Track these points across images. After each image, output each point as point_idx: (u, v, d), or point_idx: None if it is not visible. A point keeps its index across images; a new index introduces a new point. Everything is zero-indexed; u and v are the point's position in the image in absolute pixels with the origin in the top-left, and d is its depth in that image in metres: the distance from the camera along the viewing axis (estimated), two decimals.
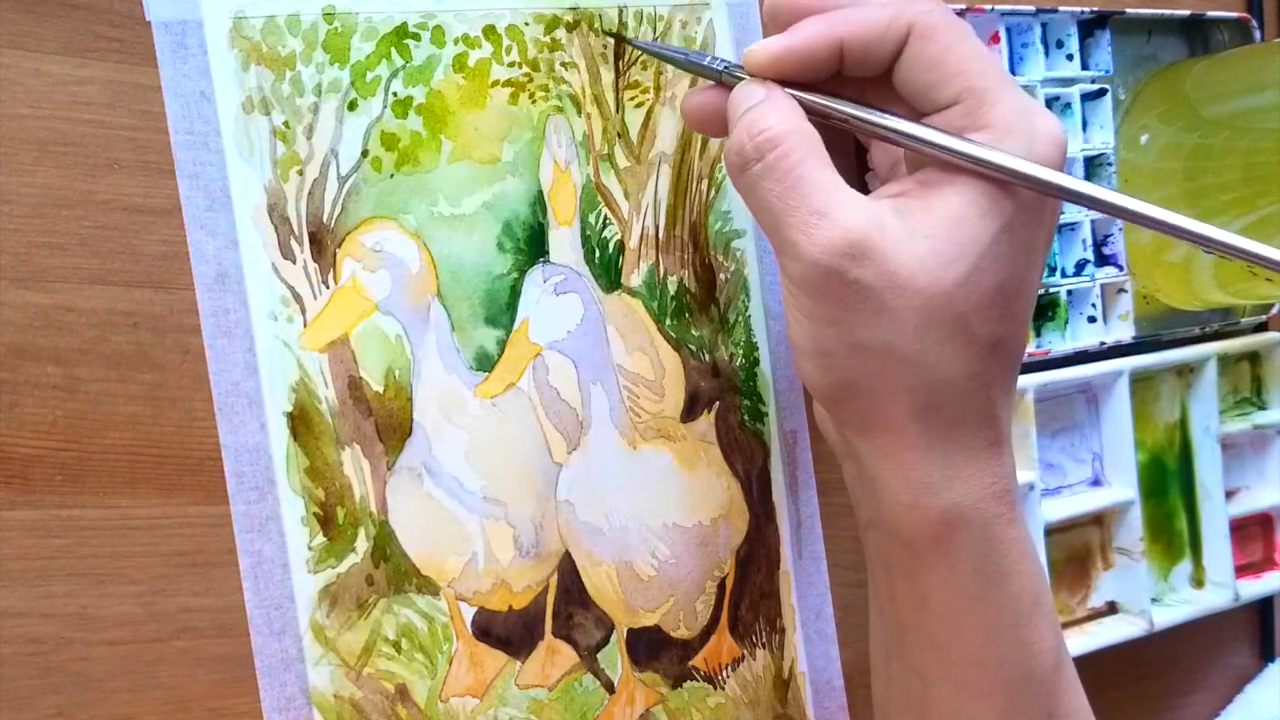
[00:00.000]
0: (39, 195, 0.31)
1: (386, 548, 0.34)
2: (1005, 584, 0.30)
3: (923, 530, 0.30)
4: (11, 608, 0.31)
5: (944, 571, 0.30)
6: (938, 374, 0.28)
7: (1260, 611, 0.52)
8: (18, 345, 0.31)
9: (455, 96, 0.35)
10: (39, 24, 0.31)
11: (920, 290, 0.27)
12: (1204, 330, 0.48)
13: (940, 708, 0.32)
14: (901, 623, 0.32)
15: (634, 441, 0.38)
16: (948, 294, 0.27)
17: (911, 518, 0.30)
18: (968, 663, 0.31)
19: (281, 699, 0.33)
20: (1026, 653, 0.31)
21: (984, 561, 0.30)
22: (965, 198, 0.28)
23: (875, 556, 0.33)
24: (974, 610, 0.30)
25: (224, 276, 0.32)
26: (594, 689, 0.37)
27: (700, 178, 0.39)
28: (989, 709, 0.31)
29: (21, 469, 0.31)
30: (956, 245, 0.27)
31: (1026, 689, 0.31)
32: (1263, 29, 0.49)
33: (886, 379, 0.28)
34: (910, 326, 0.27)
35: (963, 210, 0.27)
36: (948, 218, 0.27)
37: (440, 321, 0.35)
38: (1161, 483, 0.48)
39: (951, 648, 0.31)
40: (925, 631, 0.31)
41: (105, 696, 0.32)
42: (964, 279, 0.27)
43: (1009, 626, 0.30)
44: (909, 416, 0.29)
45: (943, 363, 0.28)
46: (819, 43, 0.29)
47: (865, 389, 0.29)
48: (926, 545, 0.30)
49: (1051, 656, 0.31)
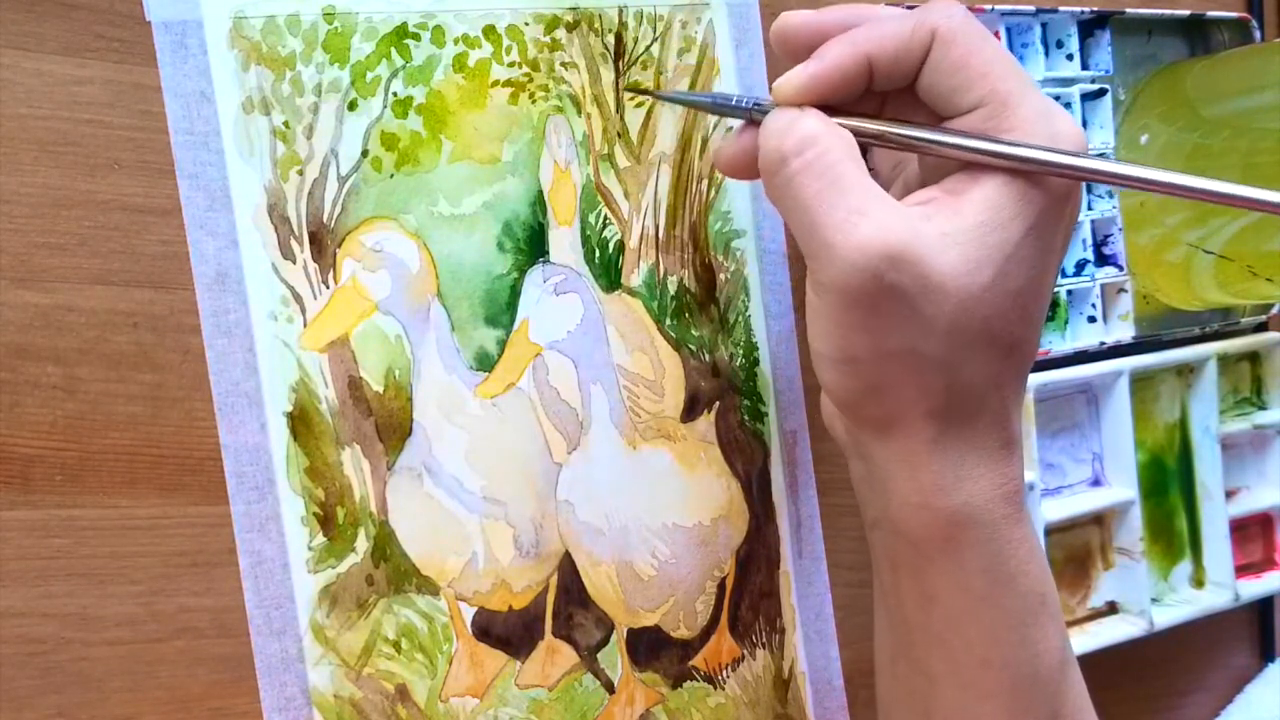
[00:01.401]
0: (39, 195, 0.31)
1: (386, 548, 0.34)
2: (1013, 584, 0.30)
3: (932, 530, 0.30)
4: (11, 608, 0.31)
5: (952, 571, 0.30)
6: (960, 377, 0.28)
7: (1260, 611, 0.52)
8: (18, 345, 0.31)
9: (455, 96, 0.35)
10: (39, 24, 0.31)
11: (951, 295, 0.27)
12: (1204, 330, 0.48)
13: (945, 707, 0.32)
14: (907, 621, 0.32)
15: (634, 441, 0.38)
16: (976, 299, 0.27)
17: (921, 518, 0.30)
18: (974, 662, 0.31)
19: (281, 699, 0.33)
20: (1033, 652, 0.31)
21: (992, 561, 0.30)
22: (993, 203, 0.28)
23: (882, 555, 0.33)
24: (981, 610, 0.30)
25: (224, 276, 0.32)
26: (594, 689, 0.37)
27: (700, 178, 0.39)
28: (995, 708, 0.31)
29: (21, 469, 0.31)
30: (986, 250, 0.27)
31: (1032, 688, 0.31)
32: (1263, 29, 0.49)
33: (911, 383, 0.28)
34: (940, 332, 0.27)
35: (992, 215, 0.28)
36: (978, 223, 0.27)
37: (440, 321, 0.35)
38: (1161, 483, 0.48)
39: (958, 647, 0.31)
40: (931, 630, 0.31)
41: (105, 696, 0.32)
42: (992, 283, 0.27)
43: (1016, 626, 0.30)
44: (927, 419, 0.29)
45: (965, 366, 0.28)
46: (848, 63, 0.29)
47: (888, 393, 0.29)
48: (935, 545, 0.30)
49: (1057, 656, 0.31)
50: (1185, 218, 0.44)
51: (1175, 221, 0.44)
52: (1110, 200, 0.45)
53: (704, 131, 0.39)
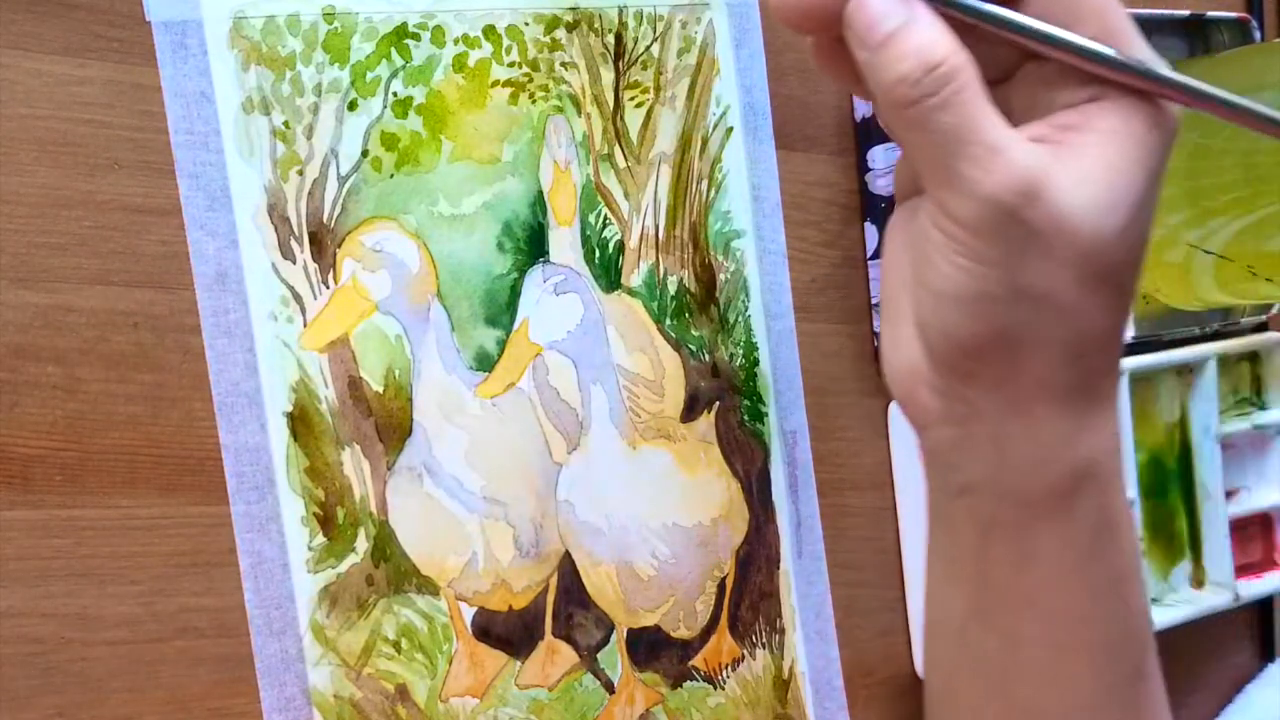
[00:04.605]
0: (39, 195, 0.31)
1: (386, 548, 0.34)
2: (1116, 539, 0.30)
3: (1049, 486, 0.29)
4: (11, 608, 0.31)
5: (1061, 529, 0.30)
6: (1088, 324, 0.28)
7: (1260, 611, 0.52)
8: (18, 345, 0.31)
9: (455, 96, 0.35)
10: (39, 24, 0.31)
11: (1084, 237, 0.27)
12: (1204, 330, 0.48)
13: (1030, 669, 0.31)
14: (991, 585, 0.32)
15: (634, 441, 0.38)
16: (1107, 243, 0.27)
17: (1040, 474, 0.30)
18: (1072, 619, 0.30)
19: (281, 699, 0.33)
20: (1127, 607, 0.31)
21: (1101, 516, 0.30)
22: (1118, 146, 0.27)
23: (967, 521, 0.32)
24: (1088, 566, 0.30)
25: (224, 276, 0.32)
26: (594, 689, 0.37)
27: (700, 178, 0.39)
28: (1085, 666, 0.31)
29: (21, 469, 0.31)
30: (1116, 193, 0.27)
31: (1123, 643, 0.31)
32: (1263, 29, 0.49)
33: (1042, 327, 0.28)
34: (1071, 274, 0.27)
35: (1118, 160, 0.27)
36: (1107, 165, 0.27)
37: (440, 321, 0.35)
38: (1161, 483, 0.48)
39: (1055, 606, 0.31)
40: (1022, 591, 0.31)
41: (105, 696, 0.32)
42: (1122, 229, 0.27)
43: (1115, 581, 0.30)
44: (1054, 368, 0.28)
45: (1094, 312, 0.28)
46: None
47: (1017, 338, 0.28)
48: (1049, 503, 0.30)
49: (1146, 611, 0.32)
50: (1185, 217, 0.44)
51: (1175, 221, 0.44)
52: None
53: (704, 131, 0.39)
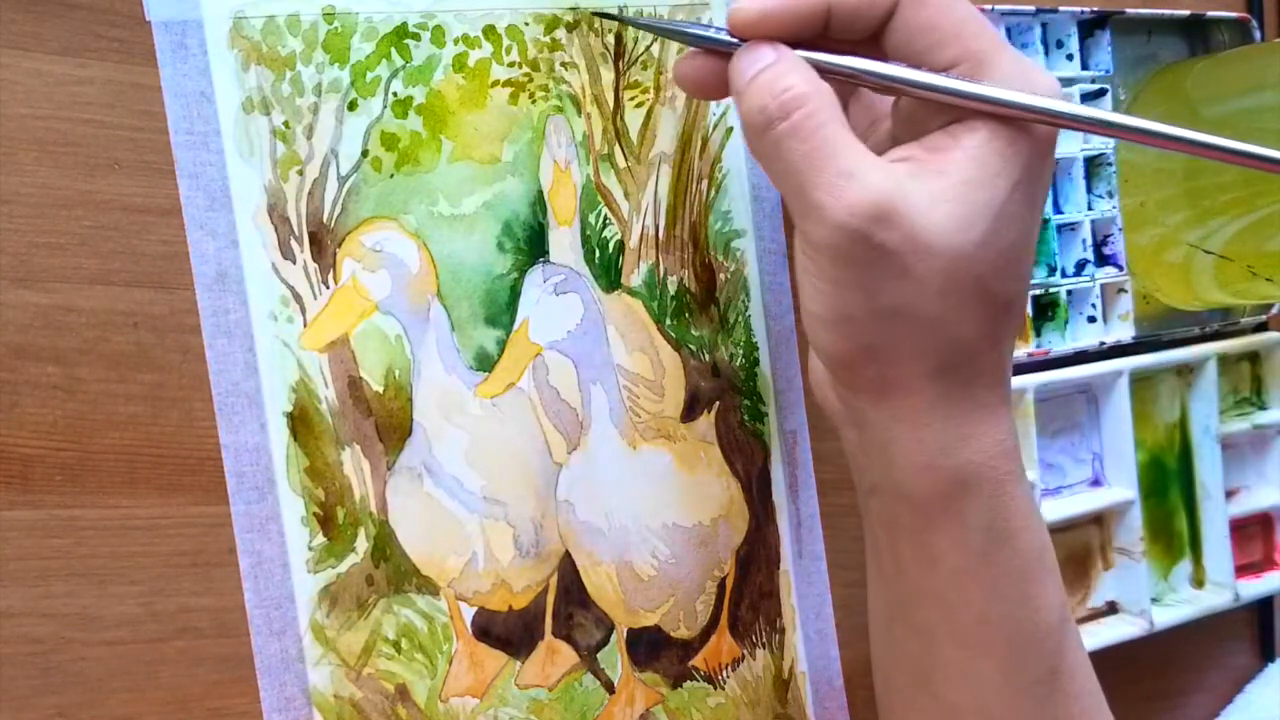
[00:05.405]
0: (39, 195, 0.31)
1: (386, 548, 0.34)
2: (1013, 540, 0.30)
3: (937, 490, 0.30)
4: (11, 608, 0.31)
5: (954, 530, 0.30)
6: (956, 334, 0.29)
7: (1260, 611, 0.52)
8: (18, 345, 0.31)
9: (455, 96, 0.35)
10: (39, 24, 0.31)
11: (942, 253, 0.27)
12: (1204, 330, 0.48)
13: (945, 666, 0.32)
14: (906, 584, 0.32)
15: (634, 441, 0.38)
16: (969, 256, 0.28)
17: (925, 478, 0.30)
18: (973, 620, 0.31)
19: (281, 699, 0.33)
20: (1032, 608, 0.31)
21: (994, 518, 0.30)
22: (978, 160, 0.28)
23: (878, 522, 0.33)
24: (982, 567, 0.30)
25: (224, 276, 0.32)
26: (594, 689, 0.37)
27: (700, 178, 0.39)
28: (993, 665, 0.31)
29: (21, 469, 0.31)
30: (974, 207, 0.28)
31: (1031, 644, 0.31)
32: (1263, 29, 0.49)
33: (907, 341, 0.29)
34: (932, 289, 0.28)
35: (977, 173, 0.28)
36: (964, 180, 0.28)
37: (440, 321, 0.35)
38: (1161, 483, 0.48)
39: (958, 605, 0.31)
40: (931, 591, 0.31)
41: (105, 696, 0.32)
42: (983, 240, 0.28)
43: (1016, 583, 0.31)
44: (927, 378, 0.29)
45: (961, 323, 0.28)
46: (805, 3, 0.29)
47: (885, 353, 0.29)
48: (938, 505, 0.30)
49: (1056, 613, 0.31)
50: (1185, 217, 0.44)
51: (1175, 221, 0.44)
52: (1110, 200, 0.45)
53: (704, 131, 0.39)
